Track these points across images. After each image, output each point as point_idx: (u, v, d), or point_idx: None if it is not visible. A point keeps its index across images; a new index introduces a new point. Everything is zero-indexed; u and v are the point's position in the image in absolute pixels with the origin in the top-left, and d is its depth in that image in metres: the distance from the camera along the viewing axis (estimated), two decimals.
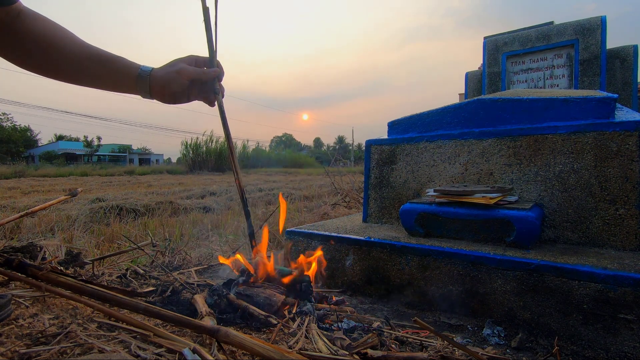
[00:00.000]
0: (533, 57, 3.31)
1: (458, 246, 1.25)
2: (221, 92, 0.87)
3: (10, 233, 2.96)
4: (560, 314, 1.02)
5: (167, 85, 0.80)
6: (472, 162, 1.53)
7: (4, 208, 4.26)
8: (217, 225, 3.31)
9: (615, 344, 0.95)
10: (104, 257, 1.35)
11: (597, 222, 1.26)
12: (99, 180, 12.01)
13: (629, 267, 1.00)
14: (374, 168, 1.81)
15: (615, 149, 1.24)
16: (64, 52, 0.73)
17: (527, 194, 1.40)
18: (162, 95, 0.82)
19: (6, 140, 34.48)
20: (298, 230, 1.60)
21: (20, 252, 1.01)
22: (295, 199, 5.44)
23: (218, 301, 0.92)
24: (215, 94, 0.85)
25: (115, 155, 46.61)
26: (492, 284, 1.13)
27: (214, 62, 0.87)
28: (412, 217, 1.43)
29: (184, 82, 0.81)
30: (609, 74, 3.02)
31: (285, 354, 0.58)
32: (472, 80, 3.77)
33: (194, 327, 0.68)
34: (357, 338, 0.83)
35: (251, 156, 26.43)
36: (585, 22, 3.04)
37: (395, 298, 1.31)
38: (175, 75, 0.80)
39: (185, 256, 1.76)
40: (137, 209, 4.18)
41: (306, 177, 12.38)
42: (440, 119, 1.67)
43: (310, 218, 3.60)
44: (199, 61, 0.87)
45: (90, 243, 2.55)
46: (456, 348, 0.79)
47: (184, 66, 0.82)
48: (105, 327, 0.70)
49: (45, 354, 0.56)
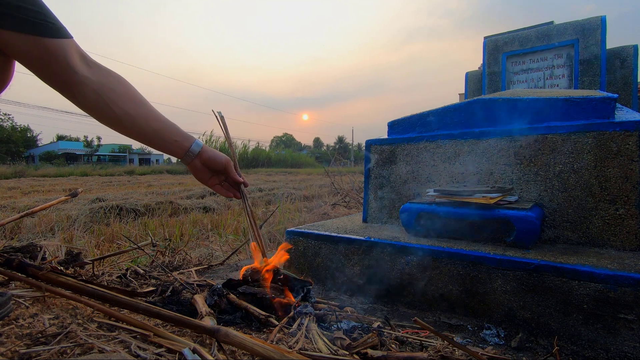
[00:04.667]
0: (533, 57, 3.30)
1: (458, 246, 1.25)
2: (243, 192, 1.03)
3: (10, 233, 2.96)
4: (560, 314, 1.02)
5: (212, 160, 0.93)
6: (472, 162, 1.53)
7: (4, 208, 4.26)
8: (217, 225, 3.31)
9: (615, 344, 0.95)
10: (104, 257, 1.35)
11: (597, 222, 1.26)
12: (99, 180, 12.02)
13: (629, 267, 1.00)
14: (374, 168, 1.81)
15: (615, 149, 1.24)
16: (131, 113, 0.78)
17: (527, 194, 1.40)
18: (201, 164, 0.92)
19: (6, 140, 34.47)
20: (298, 230, 1.60)
21: (20, 252, 1.01)
22: (295, 199, 5.44)
23: (218, 301, 0.92)
24: (242, 195, 1.02)
25: (116, 155, 46.60)
26: (492, 284, 1.13)
27: (238, 170, 1.02)
28: (412, 217, 1.43)
29: (221, 169, 0.95)
30: (609, 74, 3.02)
31: (285, 354, 0.58)
32: (472, 80, 3.77)
33: (194, 327, 0.68)
34: (357, 338, 0.83)
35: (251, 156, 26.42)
36: (585, 22, 3.04)
37: (395, 298, 1.31)
38: (222, 158, 0.94)
39: (185, 256, 1.77)
40: (137, 209, 4.18)
41: (306, 177, 12.38)
42: (440, 119, 1.67)
43: (310, 218, 3.60)
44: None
45: (90, 243, 2.55)
46: (456, 348, 0.79)
47: (229, 159, 0.97)
48: (105, 327, 0.70)
49: (45, 354, 0.56)
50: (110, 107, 0.75)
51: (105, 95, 0.74)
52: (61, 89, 0.72)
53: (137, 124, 0.80)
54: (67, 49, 0.68)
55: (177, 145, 0.87)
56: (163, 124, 0.84)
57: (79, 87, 0.71)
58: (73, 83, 0.70)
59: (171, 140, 0.85)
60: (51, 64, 0.67)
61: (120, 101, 0.76)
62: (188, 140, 0.88)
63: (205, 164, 0.92)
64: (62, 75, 0.69)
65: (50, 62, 0.67)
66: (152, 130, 0.82)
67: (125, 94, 0.77)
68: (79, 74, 0.70)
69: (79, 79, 0.70)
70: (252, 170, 19.03)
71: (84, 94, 0.72)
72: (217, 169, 0.94)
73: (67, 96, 0.73)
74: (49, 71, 0.68)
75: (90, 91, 0.72)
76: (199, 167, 0.92)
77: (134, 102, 0.79)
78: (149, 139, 0.83)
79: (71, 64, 0.69)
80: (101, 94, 0.73)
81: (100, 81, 0.73)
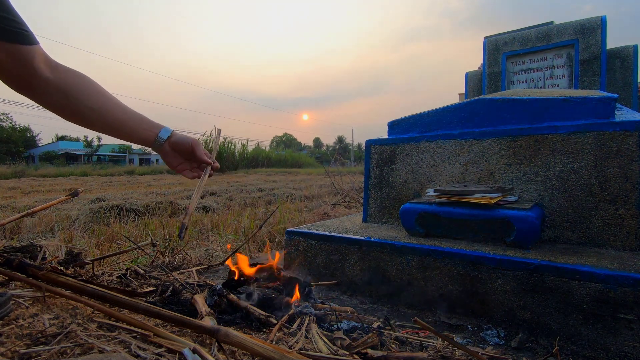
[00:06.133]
0: (533, 57, 3.30)
1: (458, 246, 1.25)
2: (207, 175, 1.00)
3: (10, 233, 2.96)
4: (560, 314, 1.02)
5: (179, 143, 0.93)
6: (472, 162, 1.53)
7: (4, 208, 4.26)
8: (217, 225, 3.31)
9: (615, 344, 0.95)
10: (104, 257, 1.35)
11: (597, 222, 1.26)
12: (99, 180, 12.01)
13: (629, 267, 1.00)
14: (374, 168, 1.81)
15: (615, 149, 1.24)
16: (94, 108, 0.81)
17: (527, 194, 1.40)
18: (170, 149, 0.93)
19: (6, 140, 34.46)
20: (298, 230, 1.60)
21: (20, 252, 1.01)
22: (295, 199, 5.44)
23: (218, 301, 0.92)
24: (205, 174, 0.99)
25: (116, 155, 46.59)
26: (492, 284, 1.13)
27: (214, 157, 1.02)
28: (412, 217, 1.43)
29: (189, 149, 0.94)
30: (609, 74, 3.02)
31: (285, 354, 0.58)
32: (472, 80, 3.77)
33: (194, 327, 0.68)
34: (357, 338, 0.83)
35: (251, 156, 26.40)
36: (585, 22, 3.04)
37: (395, 298, 1.31)
38: (188, 139, 0.94)
39: (185, 256, 1.76)
40: (137, 209, 4.18)
41: (306, 177, 12.38)
42: (440, 119, 1.67)
43: (310, 218, 3.60)
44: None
45: (90, 243, 2.55)
46: (456, 348, 0.79)
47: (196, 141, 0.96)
48: (105, 327, 0.70)
49: (45, 354, 0.56)
50: (74, 104, 0.79)
51: (68, 93, 0.78)
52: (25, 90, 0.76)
53: (102, 118, 0.83)
54: (33, 54, 0.72)
55: (145, 134, 0.89)
56: (129, 115, 0.87)
57: (43, 87, 0.76)
58: (36, 85, 0.75)
59: (139, 129, 0.88)
60: (18, 67, 0.71)
61: (82, 97, 0.80)
62: (157, 128, 0.91)
63: (174, 147, 0.93)
64: (26, 78, 0.74)
65: (16, 66, 0.71)
66: (118, 122, 0.85)
67: (87, 90, 0.81)
68: (42, 76, 0.75)
69: (42, 81, 0.75)
70: (252, 170, 19.02)
71: (48, 93, 0.77)
72: (184, 149, 0.95)
73: (31, 96, 0.77)
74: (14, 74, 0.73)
75: (54, 91, 0.77)
76: (169, 151, 0.93)
77: (97, 97, 0.82)
78: (117, 131, 0.87)
79: (36, 67, 0.73)
80: (64, 93, 0.78)
81: (62, 80, 0.77)
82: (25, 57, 0.71)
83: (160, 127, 0.91)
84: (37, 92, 0.76)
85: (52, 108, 0.80)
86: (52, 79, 0.76)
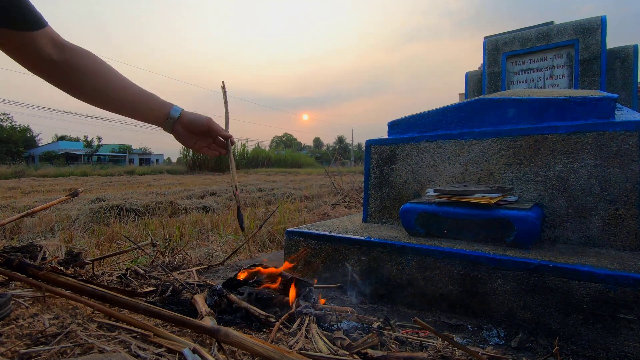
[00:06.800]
0: (533, 57, 3.30)
1: (458, 246, 1.25)
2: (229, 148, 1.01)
3: (10, 233, 2.96)
4: (560, 314, 1.02)
5: (193, 123, 0.92)
6: (472, 162, 1.53)
7: (4, 208, 4.26)
8: (217, 225, 3.31)
9: (616, 344, 0.95)
10: (104, 257, 1.35)
11: (597, 222, 1.26)
12: (99, 180, 12.01)
13: (629, 267, 1.00)
14: (374, 168, 1.81)
15: (615, 149, 1.24)
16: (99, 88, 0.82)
17: (527, 194, 1.40)
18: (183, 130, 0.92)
19: (6, 140, 34.44)
20: (298, 230, 1.60)
21: (20, 252, 1.01)
22: (295, 199, 5.44)
23: (218, 301, 0.92)
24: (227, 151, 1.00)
25: (116, 155, 46.56)
26: (492, 284, 1.13)
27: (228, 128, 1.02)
28: (412, 217, 1.43)
29: (205, 129, 0.93)
30: (609, 74, 3.02)
31: (285, 354, 0.58)
32: (472, 80, 3.77)
33: (194, 327, 0.68)
34: (357, 338, 0.83)
35: (251, 156, 26.38)
36: (585, 22, 3.04)
37: (395, 298, 1.31)
38: (202, 118, 0.93)
39: (185, 256, 1.77)
40: (137, 209, 4.18)
41: (306, 177, 12.38)
42: (440, 119, 1.67)
43: (310, 218, 3.60)
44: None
45: (90, 243, 2.55)
46: (456, 348, 0.79)
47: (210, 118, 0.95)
48: (105, 327, 0.70)
49: (45, 354, 0.56)
50: (78, 84, 0.80)
51: (72, 74, 0.79)
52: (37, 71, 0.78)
53: (112, 97, 0.84)
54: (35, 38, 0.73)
55: (155, 114, 0.89)
56: (139, 95, 0.87)
57: (50, 69, 0.77)
58: (44, 67, 0.77)
59: (148, 110, 0.88)
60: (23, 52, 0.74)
61: (87, 78, 0.80)
62: (166, 107, 0.89)
63: (187, 128, 0.92)
64: (35, 60, 0.75)
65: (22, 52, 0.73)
66: (128, 102, 0.85)
67: (93, 70, 0.82)
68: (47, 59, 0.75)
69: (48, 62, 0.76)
70: (252, 170, 19.02)
71: (55, 75, 0.79)
72: (199, 130, 0.93)
73: (43, 77, 0.79)
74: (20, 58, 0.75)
75: (60, 72, 0.78)
76: (182, 132, 0.92)
77: (107, 77, 0.83)
78: (127, 110, 0.87)
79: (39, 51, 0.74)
80: (69, 74, 0.79)
81: (67, 61, 0.78)
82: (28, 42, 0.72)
83: (170, 106, 0.90)
84: (45, 74, 0.78)
85: (62, 88, 0.81)
86: (58, 61, 0.76)
